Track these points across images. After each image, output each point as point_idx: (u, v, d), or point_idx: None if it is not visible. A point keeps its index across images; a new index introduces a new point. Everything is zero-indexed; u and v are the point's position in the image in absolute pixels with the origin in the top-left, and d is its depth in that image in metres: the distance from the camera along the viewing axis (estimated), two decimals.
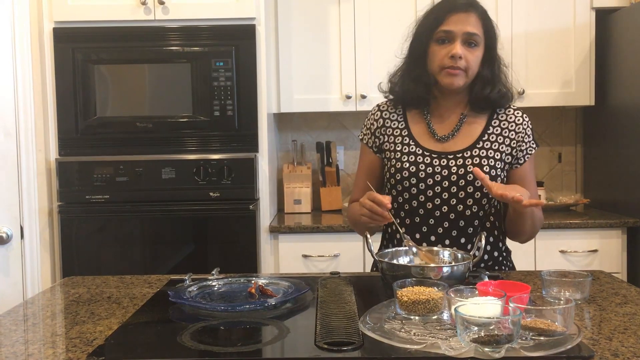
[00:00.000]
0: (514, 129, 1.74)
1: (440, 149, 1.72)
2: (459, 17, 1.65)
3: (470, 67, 1.66)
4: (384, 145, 1.79)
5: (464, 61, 1.64)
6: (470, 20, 1.65)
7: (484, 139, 1.72)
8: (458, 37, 1.65)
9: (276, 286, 1.53)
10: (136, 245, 2.75)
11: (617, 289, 1.53)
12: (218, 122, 2.73)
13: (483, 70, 1.70)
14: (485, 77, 1.70)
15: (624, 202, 2.99)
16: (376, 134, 1.81)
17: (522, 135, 1.74)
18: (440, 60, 1.67)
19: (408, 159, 1.72)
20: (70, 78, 2.72)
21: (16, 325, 1.35)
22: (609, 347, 1.11)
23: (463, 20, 1.65)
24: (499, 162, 1.70)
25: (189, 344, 1.15)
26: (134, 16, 2.72)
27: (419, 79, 1.72)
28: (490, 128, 1.74)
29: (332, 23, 3.13)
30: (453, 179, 1.67)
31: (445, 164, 1.69)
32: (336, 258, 2.86)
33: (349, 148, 3.51)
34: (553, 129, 3.52)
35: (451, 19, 1.65)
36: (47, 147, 2.73)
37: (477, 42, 1.66)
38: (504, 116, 1.76)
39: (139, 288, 1.63)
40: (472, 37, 1.65)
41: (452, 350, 1.06)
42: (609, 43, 3.09)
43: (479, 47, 1.67)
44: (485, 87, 1.71)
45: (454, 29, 1.65)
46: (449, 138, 1.73)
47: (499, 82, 1.73)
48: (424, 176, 1.69)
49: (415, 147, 1.73)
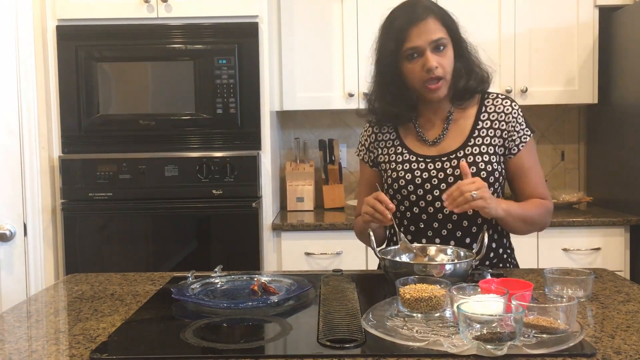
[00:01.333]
0: (504, 119, 1.71)
1: (433, 152, 1.71)
2: (419, 28, 1.61)
3: (447, 71, 1.65)
4: (379, 157, 1.80)
5: (440, 69, 1.62)
6: (431, 27, 1.61)
7: (475, 135, 1.70)
8: (426, 48, 1.61)
9: (279, 283, 1.54)
10: (139, 242, 2.76)
11: (620, 287, 1.53)
12: (221, 120, 2.73)
13: (456, 65, 1.68)
14: (459, 70, 1.68)
15: (626, 200, 2.99)
16: (370, 148, 1.82)
17: (513, 124, 1.70)
18: (418, 76, 1.64)
19: (403, 167, 1.72)
20: (74, 76, 2.72)
21: (20, 322, 1.36)
22: (612, 345, 1.11)
23: (425, 30, 1.61)
24: (493, 156, 1.69)
25: (192, 340, 1.16)
26: (137, 14, 2.72)
27: (398, 98, 1.71)
28: (480, 122, 1.72)
29: (334, 21, 3.13)
30: (450, 180, 1.67)
31: (440, 167, 1.69)
32: (339, 256, 2.86)
33: (352, 146, 3.51)
34: (556, 127, 3.51)
35: (413, 33, 1.61)
36: (51, 145, 2.74)
37: (444, 43, 1.63)
38: (492, 107, 1.73)
39: (142, 285, 1.63)
40: (438, 42, 1.62)
41: (455, 348, 1.06)
42: (612, 41, 3.08)
43: (448, 47, 1.65)
44: (461, 79, 1.69)
45: (420, 44, 1.61)
46: (439, 140, 1.72)
47: (473, 69, 1.70)
48: (421, 182, 1.69)
49: (409, 154, 1.73)
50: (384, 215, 1.55)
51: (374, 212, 1.56)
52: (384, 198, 1.55)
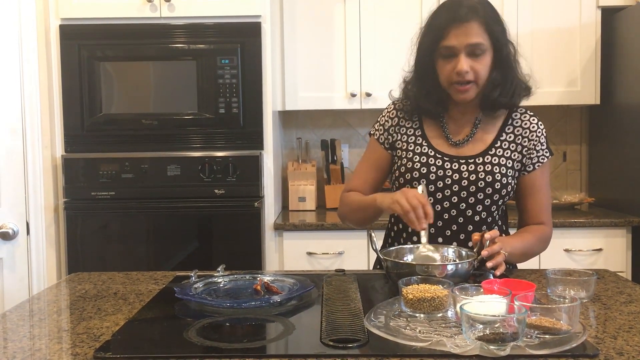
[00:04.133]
0: (527, 136, 1.70)
1: (453, 152, 1.70)
2: (459, 29, 1.57)
3: (480, 76, 1.61)
4: (397, 143, 1.77)
5: (471, 74, 1.60)
6: (472, 31, 1.57)
7: (497, 145, 1.70)
8: (461, 51, 1.58)
9: (281, 283, 1.54)
10: (141, 242, 2.76)
11: (622, 288, 1.53)
12: (223, 120, 2.73)
13: (492, 73, 1.64)
14: (494, 80, 1.65)
15: (628, 201, 2.99)
16: (390, 131, 1.79)
17: (535, 142, 1.70)
18: (447, 76, 1.63)
19: (420, 159, 1.70)
20: (76, 75, 2.73)
21: (23, 320, 1.36)
22: (614, 346, 1.11)
23: (464, 32, 1.57)
24: (510, 170, 1.68)
25: (195, 339, 1.16)
26: (139, 13, 2.72)
27: (431, 95, 1.69)
28: (504, 134, 1.71)
29: (337, 21, 3.13)
30: (464, 183, 1.66)
31: (457, 168, 1.67)
32: (340, 255, 2.86)
33: (354, 146, 3.51)
34: (558, 128, 3.51)
35: (452, 33, 1.58)
36: (53, 144, 2.74)
37: (482, 50, 1.60)
38: (518, 122, 1.72)
39: (145, 284, 1.63)
40: (476, 47, 1.59)
41: (458, 348, 1.06)
42: (615, 42, 3.08)
43: (486, 54, 1.61)
44: (494, 90, 1.65)
45: (455, 44, 1.58)
46: (463, 144, 1.71)
47: (508, 82, 1.66)
48: (435, 178, 1.68)
49: (428, 148, 1.71)
50: (420, 221, 1.50)
51: (411, 210, 1.50)
52: (427, 202, 1.51)
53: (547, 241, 1.75)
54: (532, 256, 1.73)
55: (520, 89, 1.70)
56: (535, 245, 1.71)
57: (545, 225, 1.73)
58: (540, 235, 1.71)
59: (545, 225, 1.73)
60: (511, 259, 1.62)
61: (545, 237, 1.73)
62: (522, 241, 1.66)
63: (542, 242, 1.73)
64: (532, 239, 1.69)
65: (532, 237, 1.69)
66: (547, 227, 1.73)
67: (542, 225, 1.73)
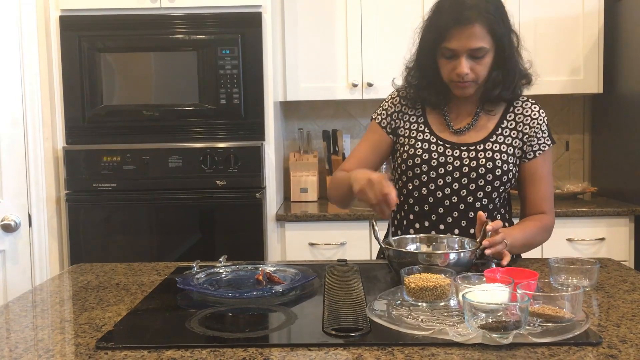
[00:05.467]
0: (529, 123, 1.71)
1: (454, 140, 1.71)
2: (462, 32, 1.56)
3: (480, 76, 1.63)
4: (399, 130, 1.78)
5: (471, 74, 1.61)
6: (475, 34, 1.56)
7: (498, 132, 1.70)
8: (462, 54, 1.59)
9: (283, 273, 1.54)
10: (143, 233, 2.76)
11: (625, 277, 1.53)
12: (224, 111, 2.73)
13: (493, 72, 1.65)
14: (495, 78, 1.66)
15: (631, 190, 2.98)
16: (393, 116, 1.79)
17: (536, 130, 1.70)
18: (447, 74, 1.64)
19: (422, 146, 1.71)
20: (77, 66, 2.72)
21: (25, 311, 1.36)
22: (617, 334, 1.11)
23: (467, 36, 1.56)
24: (511, 157, 1.68)
25: (197, 330, 1.16)
26: (140, 4, 2.71)
27: (432, 86, 1.71)
28: (505, 122, 1.72)
29: (338, 11, 3.11)
30: (465, 170, 1.66)
31: (458, 155, 1.68)
32: (342, 246, 2.86)
33: (356, 136, 3.50)
34: (561, 117, 3.50)
35: (454, 35, 1.57)
36: (55, 136, 2.74)
37: (484, 52, 1.60)
38: (520, 109, 1.73)
39: (147, 275, 1.63)
40: (477, 51, 1.59)
41: (460, 337, 1.06)
42: (618, 30, 3.07)
43: (488, 55, 1.61)
44: (495, 88, 1.67)
45: (456, 47, 1.58)
46: (465, 131, 1.72)
47: (508, 79, 1.67)
48: (436, 165, 1.68)
49: (430, 135, 1.72)
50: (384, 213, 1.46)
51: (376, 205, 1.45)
52: (392, 191, 1.44)
53: (549, 231, 1.74)
54: (535, 246, 1.72)
55: (521, 80, 1.71)
56: (538, 235, 1.70)
57: (547, 214, 1.73)
58: (542, 225, 1.71)
59: (547, 215, 1.72)
60: (513, 250, 1.62)
61: (547, 227, 1.73)
62: (524, 231, 1.66)
63: (544, 231, 1.72)
64: (534, 229, 1.69)
65: (533, 227, 1.69)
66: (549, 216, 1.73)
67: (544, 215, 1.72)
